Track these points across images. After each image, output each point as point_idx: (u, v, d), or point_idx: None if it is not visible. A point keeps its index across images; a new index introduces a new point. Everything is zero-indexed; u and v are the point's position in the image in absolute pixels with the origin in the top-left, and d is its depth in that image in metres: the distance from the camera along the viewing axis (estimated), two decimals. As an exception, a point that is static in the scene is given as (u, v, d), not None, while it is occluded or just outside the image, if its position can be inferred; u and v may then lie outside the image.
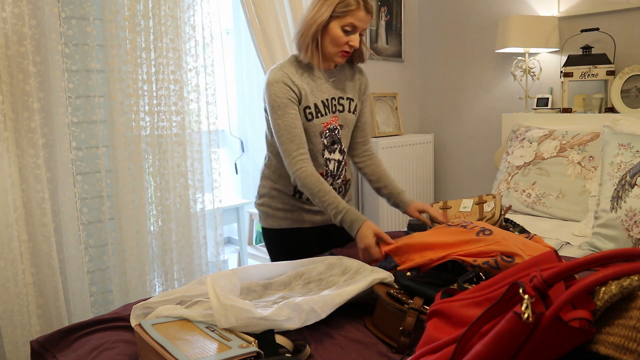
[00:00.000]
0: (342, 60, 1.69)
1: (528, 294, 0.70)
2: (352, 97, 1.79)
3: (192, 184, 2.25)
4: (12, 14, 1.70)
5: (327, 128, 1.73)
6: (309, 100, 1.69)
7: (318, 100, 1.71)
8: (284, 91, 1.63)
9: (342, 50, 1.65)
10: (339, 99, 1.75)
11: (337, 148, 1.77)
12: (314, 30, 1.61)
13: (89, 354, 1.13)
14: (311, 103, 1.70)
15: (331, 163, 1.75)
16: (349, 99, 1.78)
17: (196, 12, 2.20)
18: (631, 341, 0.67)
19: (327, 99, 1.73)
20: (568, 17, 2.80)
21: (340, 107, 1.76)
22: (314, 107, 1.70)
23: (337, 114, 1.75)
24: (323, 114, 1.71)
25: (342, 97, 1.76)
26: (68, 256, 1.92)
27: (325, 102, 1.72)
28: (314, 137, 1.71)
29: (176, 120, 2.16)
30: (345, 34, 1.62)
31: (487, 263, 1.31)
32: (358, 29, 1.63)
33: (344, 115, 1.76)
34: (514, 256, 1.30)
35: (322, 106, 1.71)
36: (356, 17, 1.59)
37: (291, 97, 1.64)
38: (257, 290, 1.34)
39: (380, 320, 1.18)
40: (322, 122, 1.71)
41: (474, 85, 3.31)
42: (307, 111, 1.70)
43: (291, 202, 1.78)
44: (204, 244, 2.33)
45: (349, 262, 1.40)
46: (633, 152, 1.95)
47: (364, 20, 1.61)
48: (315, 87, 1.71)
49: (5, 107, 1.72)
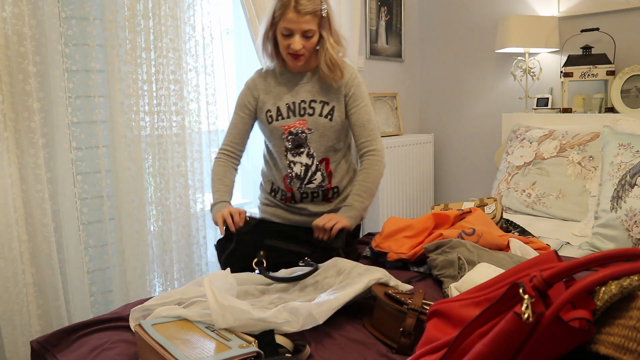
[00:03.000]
0: (295, 64, 1.69)
1: (528, 294, 0.70)
2: (328, 100, 1.74)
3: (192, 184, 2.25)
4: (12, 14, 1.70)
5: (288, 131, 1.73)
6: (269, 104, 1.74)
7: (282, 103, 1.73)
8: (245, 94, 1.79)
9: (288, 54, 1.66)
10: (310, 102, 1.73)
11: (304, 152, 1.74)
12: (264, 38, 1.69)
13: (89, 354, 1.13)
14: (272, 106, 1.74)
15: (296, 166, 1.75)
16: (322, 102, 1.74)
17: (196, 12, 2.20)
18: (631, 341, 0.67)
19: (294, 102, 1.73)
20: (568, 17, 2.80)
21: (311, 110, 1.73)
22: (276, 110, 1.73)
23: (305, 117, 1.73)
24: (285, 117, 1.73)
25: (313, 100, 1.74)
26: (68, 256, 1.91)
27: (291, 105, 1.73)
28: (276, 139, 1.76)
29: (176, 120, 2.16)
30: (285, 38, 1.63)
31: None
32: (295, 32, 1.61)
33: (314, 119, 1.72)
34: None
35: (285, 109, 1.73)
36: (287, 20, 1.59)
37: (246, 102, 1.78)
38: (254, 294, 1.34)
39: (379, 321, 1.18)
40: (282, 124, 1.73)
41: (474, 85, 3.31)
42: (267, 114, 1.75)
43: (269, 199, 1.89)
44: (204, 244, 2.33)
45: (343, 263, 1.40)
46: (633, 152, 1.95)
47: (296, 21, 1.59)
48: (281, 91, 1.75)
49: (5, 107, 1.72)
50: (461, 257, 1.44)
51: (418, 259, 1.61)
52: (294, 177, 1.76)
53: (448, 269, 1.44)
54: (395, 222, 1.74)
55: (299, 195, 1.79)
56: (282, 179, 1.81)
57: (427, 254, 1.55)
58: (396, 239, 1.68)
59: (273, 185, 1.86)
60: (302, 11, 1.57)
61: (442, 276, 1.44)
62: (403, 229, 1.70)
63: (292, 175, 1.76)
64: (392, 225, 1.72)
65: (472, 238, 1.61)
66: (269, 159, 1.86)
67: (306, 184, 1.77)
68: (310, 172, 1.76)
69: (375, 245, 1.69)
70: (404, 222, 1.73)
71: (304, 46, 1.63)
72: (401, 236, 1.68)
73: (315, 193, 1.79)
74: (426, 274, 1.56)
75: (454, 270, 1.42)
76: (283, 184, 1.81)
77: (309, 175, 1.77)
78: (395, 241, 1.67)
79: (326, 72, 1.67)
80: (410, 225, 1.71)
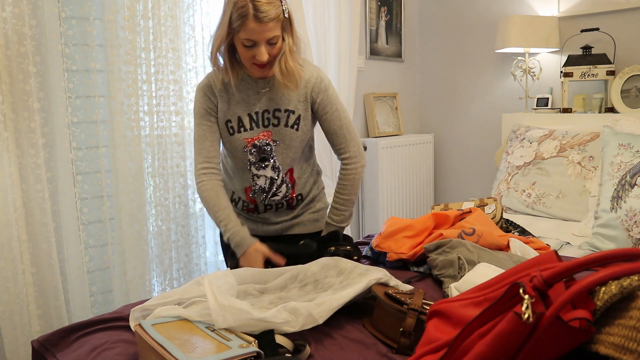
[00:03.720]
0: (262, 73, 1.52)
1: (528, 294, 0.70)
2: (294, 109, 1.58)
3: (192, 183, 2.25)
4: (12, 14, 1.70)
5: (252, 144, 1.59)
6: (229, 113, 1.58)
7: (244, 113, 1.58)
8: (203, 101, 1.60)
9: (252, 64, 1.49)
10: (274, 111, 1.58)
11: (270, 165, 1.62)
12: (216, 49, 1.50)
13: (89, 354, 1.13)
14: (233, 116, 1.58)
15: (260, 179, 1.63)
16: (287, 111, 1.58)
17: (196, 12, 2.20)
18: (631, 341, 0.67)
19: (257, 111, 1.58)
20: (568, 17, 2.80)
21: (275, 120, 1.58)
22: (237, 120, 1.58)
23: (270, 128, 1.59)
24: (248, 129, 1.58)
25: (278, 109, 1.58)
26: (68, 256, 1.91)
27: (254, 115, 1.58)
28: (238, 152, 1.61)
29: (175, 120, 2.16)
30: (247, 49, 1.45)
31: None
32: (259, 42, 1.43)
33: (279, 129, 1.58)
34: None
35: (247, 120, 1.58)
36: (248, 31, 1.41)
37: (208, 108, 1.59)
38: (253, 294, 1.33)
39: (379, 321, 1.18)
40: (244, 137, 1.59)
41: (474, 85, 3.31)
42: (228, 125, 1.59)
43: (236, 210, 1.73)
44: (203, 243, 2.33)
45: (344, 263, 1.40)
46: (633, 152, 1.95)
47: (257, 31, 1.40)
48: (242, 99, 1.58)
49: (5, 107, 1.72)
50: (461, 257, 1.44)
51: (418, 259, 1.61)
52: (257, 190, 1.65)
53: (448, 269, 1.44)
54: (395, 222, 1.74)
55: (262, 207, 1.68)
56: (244, 190, 1.68)
57: (427, 254, 1.55)
58: (396, 239, 1.68)
59: (233, 195, 1.71)
60: (264, 19, 1.39)
61: (442, 276, 1.44)
62: (403, 229, 1.70)
63: (255, 189, 1.65)
64: (392, 225, 1.72)
65: (472, 238, 1.61)
66: (229, 169, 1.70)
67: (271, 196, 1.66)
68: (276, 185, 1.65)
69: (376, 245, 1.69)
70: (404, 222, 1.73)
71: (270, 53, 1.46)
72: (401, 236, 1.68)
73: (279, 204, 1.69)
74: (426, 274, 1.56)
75: (454, 270, 1.42)
76: (245, 195, 1.68)
77: (274, 188, 1.65)
78: (395, 241, 1.67)
79: (280, 80, 1.51)
80: (410, 225, 1.71)
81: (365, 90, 3.18)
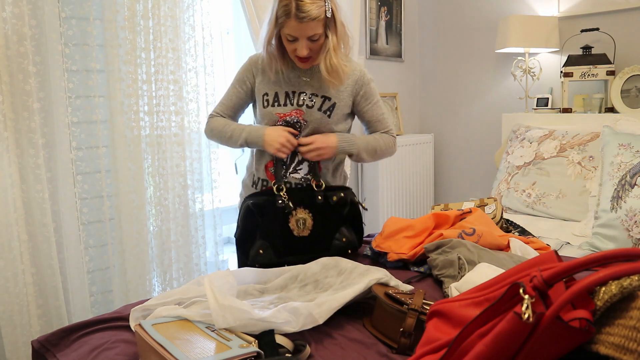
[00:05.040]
0: (304, 65, 1.66)
1: (528, 294, 0.70)
2: (330, 97, 1.68)
3: (191, 183, 2.25)
4: (12, 14, 1.70)
5: (284, 120, 1.68)
6: (268, 87, 1.69)
7: (281, 90, 1.68)
8: (245, 69, 1.75)
9: (295, 56, 1.62)
10: (311, 95, 1.67)
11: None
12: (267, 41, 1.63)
13: (89, 353, 1.13)
14: (270, 90, 1.69)
15: None
16: (324, 97, 1.68)
17: (196, 12, 2.20)
18: (631, 341, 0.67)
19: (295, 91, 1.68)
20: (568, 17, 2.80)
21: (311, 102, 1.67)
22: (273, 95, 1.68)
23: (303, 108, 1.67)
24: (282, 104, 1.68)
25: (315, 94, 1.68)
26: (68, 256, 1.91)
27: (291, 93, 1.68)
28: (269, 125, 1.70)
29: (175, 121, 2.16)
30: (290, 43, 1.59)
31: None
32: (300, 38, 1.56)
33: (312, 112, 1.67)
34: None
35: (284, 96, 1.68)
36: (290, 27, 1.54)
37: (246, 78, 1.74)
38: (253, 294, 1.34)
39: (379, 321, 1.18)
40: (277, 111, 1.68)
41: (474, 85, 3.31)
42: (264, 97, 1.70)
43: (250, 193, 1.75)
44: (203, 243, 2.33)
45: (344, 264, 1.40)
46: (633, 152, 1.95)
47: (297, 29, 1.53)
48: (283, 77, 1.69)
49: (5, 107, 1.72)
50: (461, 257, 1.44)
51: (418, 259, 1.61)
52: (278, 162, 1.68)
53: (448, 269, 1.44)
54: (395, 222, 1.74)
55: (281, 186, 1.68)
56: (265, 167, 1.73)
57: (427, 254, 1.55)
58: (396, 239, 1.68)
59: (254, 177, 1.78)
60: (304, 19, 1.51)
61: (442, 276, 1.44)
62: (403, 229, 1.70)
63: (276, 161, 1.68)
64: (392, 225, 1.72)
65: (472, 238, 1.61)
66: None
67: (291, 172, 1.70)
68: (297, 160, 1.70)
69: (376, 246, 1.69)
70: (404, 222, 1.73)
71: (311, 49, 1.58)
72: (401, 236, 1.68)
73: (299, 185, 1.70)
74: (426, 274, 1.56)
75: (454, 270, 1.42)
76: (265, 172, 1.73)
77: (294, 163, 1.70)
78: (395, 241, 1.67)
79: (325, 76, 1.62)
80: (411, 225, 1.71)
81: (365, 90, 3.18)
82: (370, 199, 3.10)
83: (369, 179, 3.07)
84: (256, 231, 1.64)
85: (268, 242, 1.63)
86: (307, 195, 1.65)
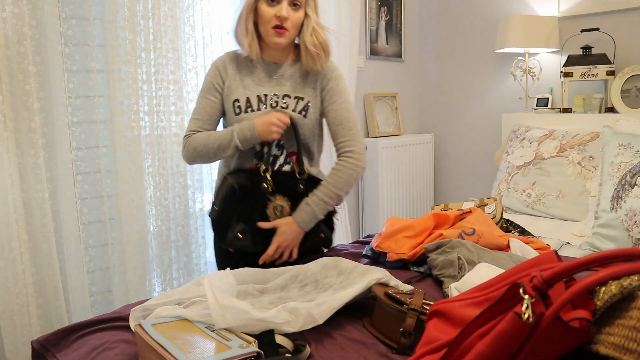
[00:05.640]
0: (280, 40, 1.53)
1: (528, 294, 0.70)
2: (303, 96, 1.62)
3: (191, 183, 2.25)
4: (12, 14, 1.70)
5: None
6: (238, 93, 1.60)
7: (252, 94, 1.60)
8: (213, 75, 1.63)
9: (272, 26, 1.51)
10: (283, 96, 1.60)
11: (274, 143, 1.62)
12: (245, 15, 1.54)
13: (89, 354, 1.13)
14: (241, 96, 1.60)
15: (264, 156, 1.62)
16: (297, 97, 1.61)
17: (196, 12, 2.20)
18: (631, 341, 0.67)
19: (267, 94, 1.60)
20: (568, 17, 2.80)
21: (284, 104, 1.60)
22: (245, 100, 1.59)
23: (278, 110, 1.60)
24: (255, 109, 1.59)
25: (287, 95, 1.61)
26: (68, 256, 1.91)
27: (263, 97, 1.60)
28: None
29: (175, 121, 2.16)
30: (270, 7, 1.50)
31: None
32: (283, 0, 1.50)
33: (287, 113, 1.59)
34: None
35: (256, 101, 1.60)
36: None
37: (216, 84, 1.62)
38: (253, 294, 1.34)
39: (379, 321, 1.18)
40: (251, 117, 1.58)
41: (474, 85, 3.31)
42: (235, 104, 1.60)
43: None
44: (203, 243, 2.33)
45: (344, 264, 1.40)
46: (633, 152, 1.95)
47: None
48: (252, 81, 1.61)
49: (5, 107, 1.72)
50: (461, 257, 1.44)
51: (418, 259, 1.61)
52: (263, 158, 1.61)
53: (448, 269, 1.44)
54: (395, 222, 1.74)
55: None
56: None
57: (427, 254, 1.55)
58: (396, 239, 1.68)
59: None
60: None
61: (442, 276, 1.44)
62: (403, 229, 1.70)
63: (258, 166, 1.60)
64: (392, 225, 1.72)
65: (472, 238, 1.61)
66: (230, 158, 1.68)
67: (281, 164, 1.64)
68: (279, 163, 1.63)
69: (376, 246, 1.69)
70: (404, 222, 1.73)
71: (289, 18, 1.51)
72: (401, 236, 1.68)
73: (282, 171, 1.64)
74: (426, 274, 1.56)
75: (454, 270, 1.42)
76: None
77: (276, 165, 1.63)
78: (395, 241, 1.67)
79: (312, 53, 1.54)
80: (411, 225, 1.71)
81: (365, 90, 3.18)
82: (370, 199, 3.10)
83: (369, 179, 3.07)
84: (234, 213, 1.56)
85: (248, 226, 1.55)
86: (289, 182, 1.58)
